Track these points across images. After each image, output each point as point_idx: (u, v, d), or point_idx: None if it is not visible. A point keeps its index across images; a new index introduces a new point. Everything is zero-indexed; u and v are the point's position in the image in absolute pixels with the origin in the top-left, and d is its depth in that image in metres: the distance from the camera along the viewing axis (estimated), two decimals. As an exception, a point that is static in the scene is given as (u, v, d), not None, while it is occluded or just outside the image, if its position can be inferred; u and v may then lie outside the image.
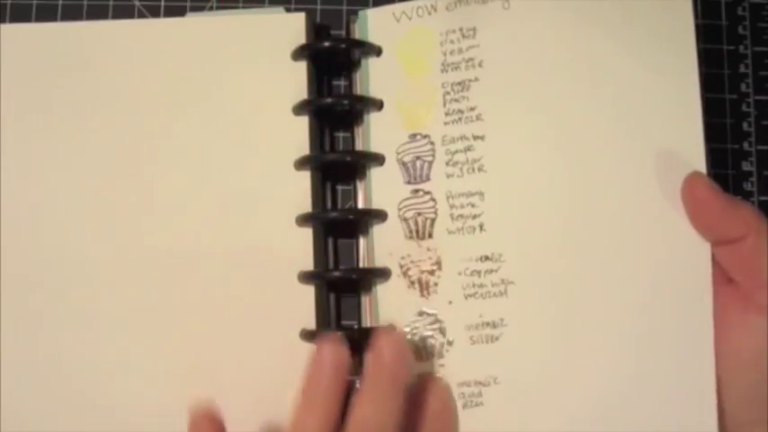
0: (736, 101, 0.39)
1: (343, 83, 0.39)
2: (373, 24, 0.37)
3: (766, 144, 0.39)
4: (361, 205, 0.37)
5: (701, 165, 0.34)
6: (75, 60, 0.37)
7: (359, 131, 0.37)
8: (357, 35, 0.37)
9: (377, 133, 0.37)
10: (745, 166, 0.39)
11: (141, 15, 0.40)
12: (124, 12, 0.40)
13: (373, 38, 0.37)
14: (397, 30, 0.37)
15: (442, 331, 0.35)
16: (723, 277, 0.33)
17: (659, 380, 0.34)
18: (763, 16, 0.40)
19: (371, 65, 0.37)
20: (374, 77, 0.37)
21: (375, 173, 0.36)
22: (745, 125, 0.39)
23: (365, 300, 0.36)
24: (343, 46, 0.37)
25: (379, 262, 0.36)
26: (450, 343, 0.35)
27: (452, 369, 0.35)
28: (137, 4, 0.40)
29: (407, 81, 0.37)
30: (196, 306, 0.35)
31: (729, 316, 0.33)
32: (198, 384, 0.35)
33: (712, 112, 0.39)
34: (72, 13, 0.40)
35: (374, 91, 0.37)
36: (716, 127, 0.39)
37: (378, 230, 0.36)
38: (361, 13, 0.38)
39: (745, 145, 0.39)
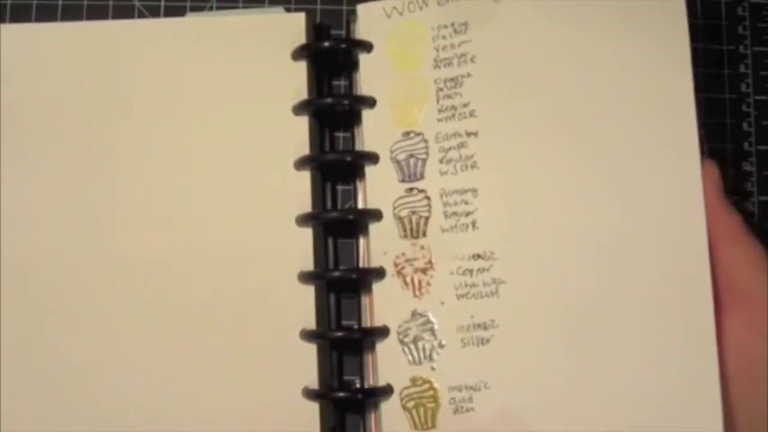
0: (736, 101, 0.39)
1: (342, 83, 0.39)
2: (363, 20, 0.37)
3: (766, 144, 0.39)
4: (360, 205, 0.37)
5: (695, 163, 0.34)
6: (74, 60, 0.37)
7: (358, 131, 0.37)
8: (357, 34, 0.37)
9: (371, 131, 0.36)
10: (745, 166, 0.39)
11: (141, 15, 0.40)
12: (124, 12, 0.40)
13: (363, 33, 0.37)
14: (387, 25, 0.37)
15: (434, 333, 0.35)
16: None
17: (654, 381, 0.34)
18: (763, 16, 0.40)
19: (361, 61, 0.37)
20: (365, 74, 0.37)
21: (370, 172, 0.36)
22: (745, 125, 0.39)
23: (365, 300, 0.36)
24: (344, 46, 0.37)
25: (376, 262, 0.36)
26: (441, 346, 0.35)
27: (443, 373, 0.35)
28: (137, 4, 0.40)
29: (399, 77, 0.36)
30: (195, 308, 0.35)
31: (732, 335, 0.33)
32: (198, 385, 0.35)
33: (712, 112, 0.39)
34: (72, 13, 0.40)
35: (365, 88, 0.36)
36: (716, 127, 0.39)
37: (374, 230, 0.36)
38: (357, 7, 0.37)
39: (745, 145, 0.39)
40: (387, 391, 0.34)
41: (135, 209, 0.36)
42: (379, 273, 0.35)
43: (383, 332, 0.35)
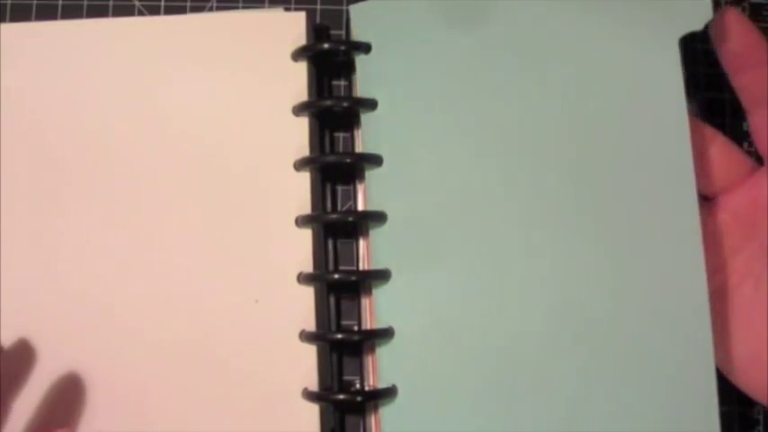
0: (735, 101, 0.39)
1: (342, 83, 0.39)
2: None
3: (766, 144, 0.39)
4: (360, 207, 0.37)
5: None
6: (74, 58, 0.37)
7: (358, 133, 0.37)
8: (352, 35, 0.37)
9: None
10: (745, 166, 0.39)
11: (141, 15, 0.40)
12: (124, 11, 0.40)
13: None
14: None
15: None
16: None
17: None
18: (764, 16, 0.40)
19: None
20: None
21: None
22: (744, 125, 0.39)
23: (365, 301, 0.36)
24: (343, 48, 0.37)
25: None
26: None
27: None
28: (137, 4, 0.40)
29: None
30: (194, 309, 0.36)
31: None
32: (198, 386, 0.35)
33: (712, 113, 0.39)
34: (72, 13, 0.40)
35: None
36: (716, 127, 0.39)
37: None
38: (350, 7, 0.37)
39: (745, 145, 0.39)
40: (387, 393, 0.34)
41: (132, 208, 0.36)
42: (384, 275, 0.35)
43: (383, 334, 0.35)
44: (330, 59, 0.38)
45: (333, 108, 0.36)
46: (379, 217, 0.35)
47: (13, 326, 0.35)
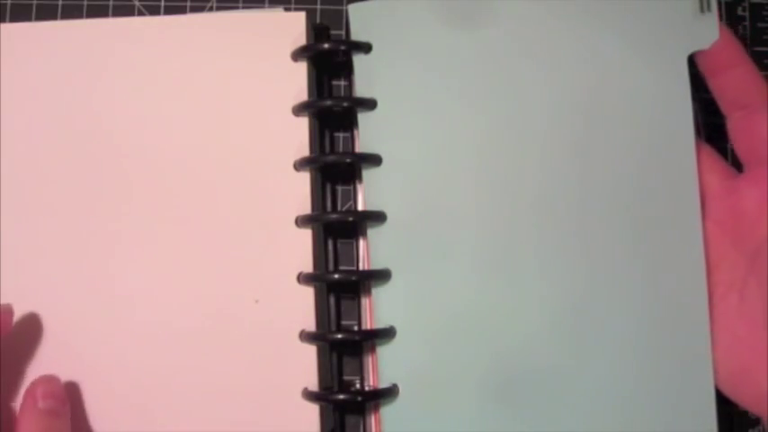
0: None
1: (343, 83, 0.39)
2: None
3: (765, 144, 0.39)
4: (360, 207, 0.37)
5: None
6: (74, 58, 0.37)
7: (358, 133, 0.37)
8: (351, 35, 0.37)
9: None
10: (745, 166, 0.39)
11: (141, 15, 0.40)
12: (124, 11, 0.40)
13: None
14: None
15: None
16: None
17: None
18: (763, 16, 0.40)
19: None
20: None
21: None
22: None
23: (365, 301, 0.36)
24: (343, 48, 0.37)
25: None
26: None
27: None
28: (136, 4, 0.40)
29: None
30: (195, 310, 0.36)
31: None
32: (198, 386, 0.35)
33: (712, 112, 0.39)
34: (72, 13, 0.40)
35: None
36: (716, 127, 0.39)
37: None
38: (349, 7, 0.37)
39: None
40: (387, 392, 0.34)
41: (131, 208, 0.36)
42: (383, 275, 0.35)
43: (383, 334, 0.35)
44: (330, 59, 0.38)
45: (333, 108, 0.36)
46: (378, 217, 0.35)
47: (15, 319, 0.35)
